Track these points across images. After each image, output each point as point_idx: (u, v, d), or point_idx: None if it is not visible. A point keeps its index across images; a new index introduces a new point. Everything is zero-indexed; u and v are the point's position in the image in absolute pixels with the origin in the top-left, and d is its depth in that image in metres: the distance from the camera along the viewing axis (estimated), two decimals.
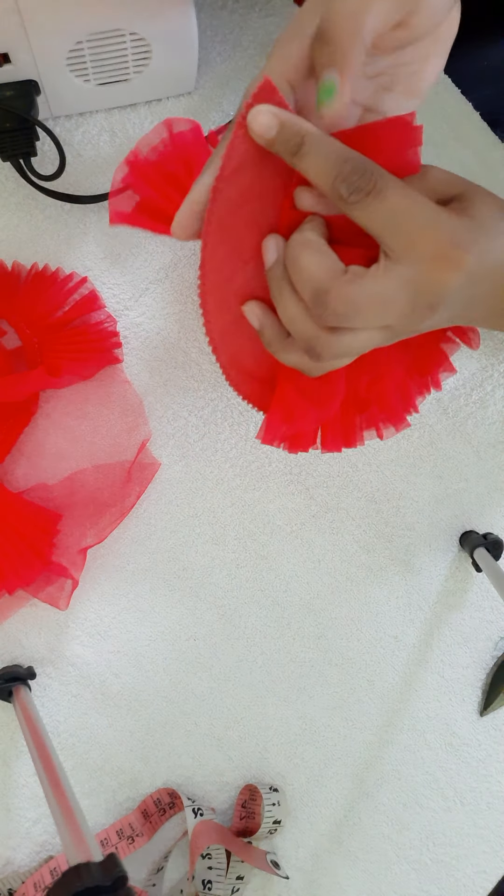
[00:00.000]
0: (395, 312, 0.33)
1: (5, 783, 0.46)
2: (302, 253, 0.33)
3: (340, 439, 0.42)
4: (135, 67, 0.47)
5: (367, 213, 0.31)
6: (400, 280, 0.32)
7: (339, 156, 0.31)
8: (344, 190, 0.31)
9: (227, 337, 0.37)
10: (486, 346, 0.54)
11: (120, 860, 0.28)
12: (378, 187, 0.31)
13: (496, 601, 0.53)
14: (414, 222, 0.31)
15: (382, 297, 0.32)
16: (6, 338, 0.47)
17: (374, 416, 0.42)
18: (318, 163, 0.31)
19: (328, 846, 0.51)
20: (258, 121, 0.31)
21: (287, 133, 0.31)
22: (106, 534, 0.46)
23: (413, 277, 0.32)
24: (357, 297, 0.32)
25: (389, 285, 0.32)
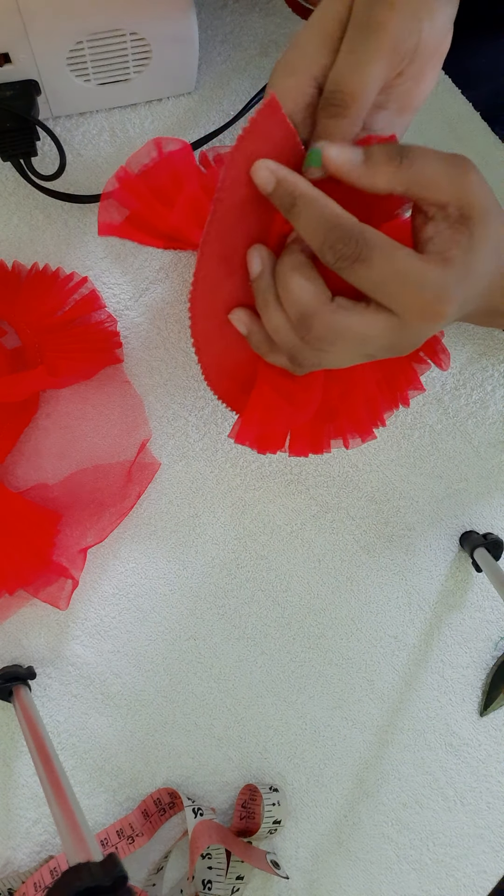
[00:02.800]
0: (374, 346, 0.35)
1: (5, 783, 0.46)
2: (292, 276, 0.34)
3: (308, 445, 0.44)
4: (135, 67, 0.47)
5: (355, 277, 0.32)
6: (385, 323, 0.33)
7: (326, 222, 0.32)
8: (330, 257, 0.32)
9: (211, 341, 0.38)
10: (487, 346, 0.54)
11: (120, 860, 0.27)
12: (363, 255, 0.32)
13: (496, 601, 0.53)
14: (399, 285, 0.32)
15: (364, 333, 0.34)
16: (6, 338, 0.47)
17: (342, 426, 0.44)
18: (307, 225, 0.33)
19: (328, 846, 0.51)
20: (258, 176, 0.33)
21: (282, 191, 0.33)
22: (106, 534, 0.46)
23: (398, 325, 0.33)
24: (339, 327, 0.34)
25: (373, 325, 0.33)
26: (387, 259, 0.32)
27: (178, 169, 0.46)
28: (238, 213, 0.34)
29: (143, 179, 0.46)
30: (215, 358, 0.39)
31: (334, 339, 0.34)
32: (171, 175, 0.46)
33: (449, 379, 0.53)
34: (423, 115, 0.54)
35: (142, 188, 0.46)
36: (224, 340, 0.39)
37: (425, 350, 0.45)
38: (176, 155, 0.46)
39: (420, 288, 0.32)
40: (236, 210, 0.34)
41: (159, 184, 0.46)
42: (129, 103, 0.50)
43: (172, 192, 0.46)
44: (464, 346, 0.53)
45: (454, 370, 0.53)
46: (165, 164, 0.46)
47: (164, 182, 0.46)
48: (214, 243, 0.35)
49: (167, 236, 0.48)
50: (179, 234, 0.47)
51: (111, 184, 0.46)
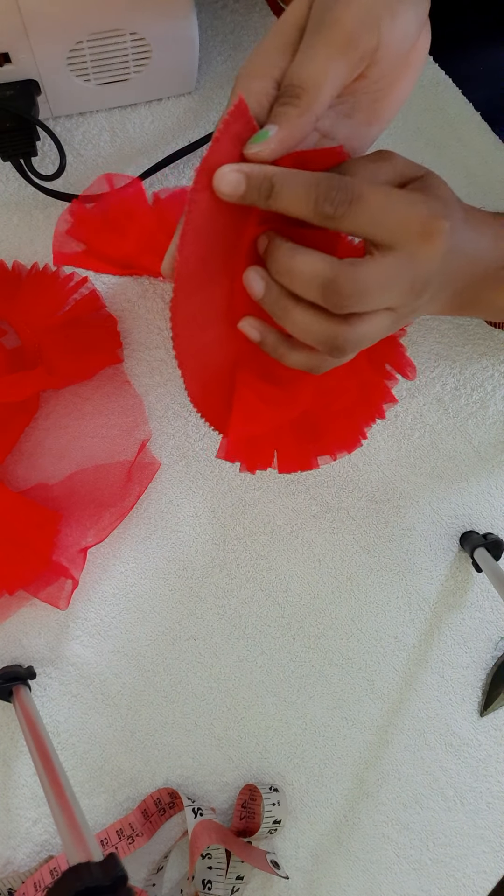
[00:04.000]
0: (397, 292, 0.34)
1: (5, 783, 0.46)
2: (294, 257, 0.34)
3: (296, 463, 0.45)
4: (135, 67, 0.47)
5: (356, 219, 0.32)
6: (396, 262, 0.33)
7: (309, 182, 0.32)
8: (329, 208, 0.32)
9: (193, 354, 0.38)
10: (487, 346, 0.54)
11: (120, 860, 0.27)
12: (356, 193, 0.32)
13: (496, 601, 0.53)
14: (395, 212, 0.33)
15: (385, 277, 0.34)
16: (6, 338, 0.47)
17: (327, 443, 0.46)
18: (293, 196, 0.33)
19: (328, 846, 0.51)
20: (225, 181, 0.33)
21: (255, 182, 0.33)
22: (106, 534, 0.46)
23: (406, 257, 0.33)
24: (364, 278, 0.33)
25: (388, 268, 0.33)
26: (377, 191, 0.32)
27: (129, 203, 0.47)
28: (213, 216, 0.34)
29: (96, 213, 0.47)
30: (197, 371, 0.39)
31: (364, 293, 0.34)
32: (123, 209, 0.47)
33: (449, 379, 0.53)
34: (423, 115, 0.54)
35: (95, 220, 0.47)
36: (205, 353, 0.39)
37: (392, 364, 0.47)
38: (127, 190, 0.48)
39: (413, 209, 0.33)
40: (212, 213, 0.34)
41: (112, 217, 0.47)
42: (129, 103, 0.50)
43: (125, 223, 0.47)
44: (464, 346, 0.53)
45: (454, 370, 0.53)
46: (117, 198, 0.47)
47: (117, 215, 0.47)
48: (192, 246, 0.34)
49: (122, 264, 0.49)
50: (134, 261, 0.48)
51: (64, 218, 0.47)
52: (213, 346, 0.39)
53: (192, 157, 0.51)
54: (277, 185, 0.32)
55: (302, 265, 0.34)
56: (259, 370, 0.41)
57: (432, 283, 0.36)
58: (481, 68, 0.61)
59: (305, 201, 0.32)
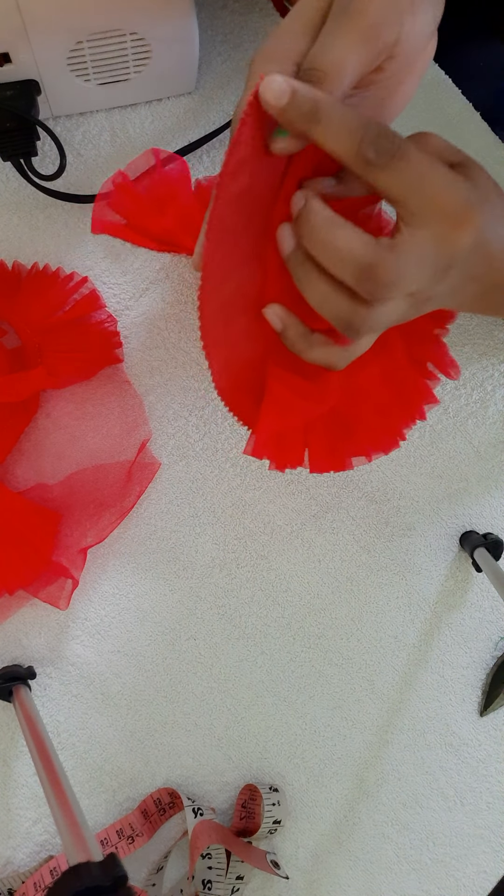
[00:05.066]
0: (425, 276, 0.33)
1: (5, 783, 0.46)
2: (336, 232, 0.32)
3: (328, 463, 0.43)
4: (135, 67, 0.47)
5: (394, 176, 0.31)
6: (426, 241, 0.32)
7: (359, 120, 0.31)
8: (372, 153, 0.30)
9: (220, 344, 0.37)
10: (487, 346, 0.54)
11: (120, 860, 0.27)
12: (403, 150, 0.30)
13: (496, 601, 0.53)
14: (435, 184, 0.31)
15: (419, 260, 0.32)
16: (6, 338, 0.47)
17: (361, 442, 0.44)
18: (338, 129, 0.31)
19: (328, 846, 0.51)
20: (270, 88, 0.31)
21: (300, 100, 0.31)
22: (106, 534, 0.46)
23: (435, 237, 0.32)
24: (402, 265, 0.32)
25: (421, 248, 0.32)
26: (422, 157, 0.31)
27: (173, 182, 0.47)
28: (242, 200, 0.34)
29: (138, 186, 0.47)
30: (225, 363, 0.38)
31: (398, 281, 0.32)
32: (166, 187, 0.47)
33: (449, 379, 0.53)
34: (423, 115, 0.54)
35: (137, 193, 0.47)
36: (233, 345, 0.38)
37: (435, 363, 0.45)
38: (173, 171, 0.48)
39: (452, 189, 0.31)
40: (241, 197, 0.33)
41: (155, 192, 0.47)
42: (129, 103, 0.50)
43: (167, 201, 0.47)
44: (464, 346, 0.53)
45: None
46: (161, 176, 0.47)
47: (160, 191, 0.47)
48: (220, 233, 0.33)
49: (159, 239, 0.48)
50: (172, 237, 0.48)
51: (107, 186, 0.47)
52: (242, 337, 0.38)
53: (191, 156, 0.51)
54: (325, 110, 0.31)
55: (340, 242, 0.32)
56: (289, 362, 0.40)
57: (454, 273, 0.34)
58: (481, 67, 0.61)
59: (350, 137, 0.30)
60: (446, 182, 0.31)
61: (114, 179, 0.47)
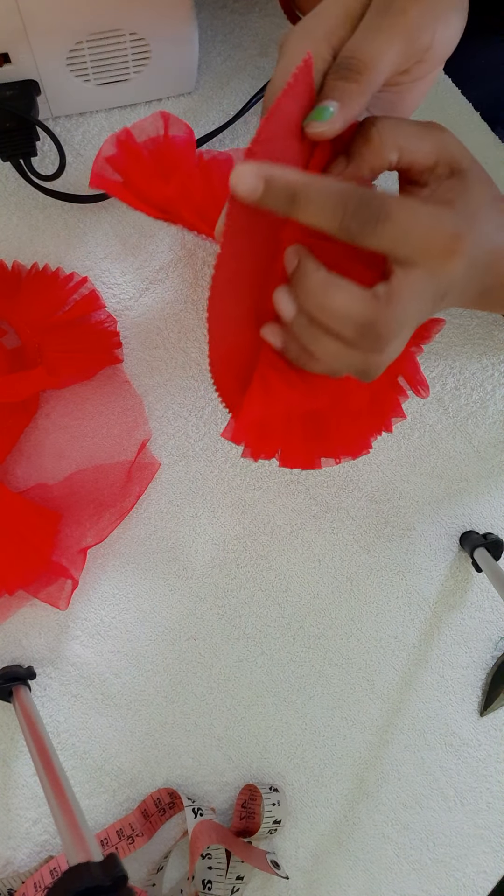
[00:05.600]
0: (424, 313, 0.35)
1: (5, 783, 0.46)
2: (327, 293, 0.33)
3: (299, 460, 0.44)
4: (135, 67, 0.47)
5: (380, 238, 0.31)
6: (420, 281, 0.33)
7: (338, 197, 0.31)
8: (355, 226, 0.31)
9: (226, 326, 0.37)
10: (487, 346, 0.54)
11: (120, 860, 0.28)
12: (384, 212, 0.31)
13: (496, 601, 0.53)
14: (420, 230, 0.32)
15: (416, 302, 0.33)
16: (6, 338, 0.47)
17: (333, 446, 0.44)
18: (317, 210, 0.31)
19: (328, 846, 0.51)
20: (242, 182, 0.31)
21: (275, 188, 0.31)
22: (106, 534, 0.46)
23: (428, 275, 0.33)
24: (401, 315, 0.33)
25: (416, 290, 0.33)
26: (404, 208, 0.31)
27: (178, 149, 0.46)
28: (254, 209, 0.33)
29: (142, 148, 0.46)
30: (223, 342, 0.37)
31: (399, 330, 0.34)
32: (170, 154, 0.46)
33: (449, 379, 0.53)
34: (423, 115, 0.53)
35: (141, 155, 0.45)
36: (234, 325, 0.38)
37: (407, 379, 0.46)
38: (179, 138, 0.46)
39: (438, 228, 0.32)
40: None
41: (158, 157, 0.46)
42: (129, 103, 0.50)
43: (169, 167, 0.46)
44: (464, 346, 0.53)
45: (454, 370, 0.53)
46: (167, 142, 0.46)
47: (163, 157, 0.46)
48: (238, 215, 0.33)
49: (158, 207, 0.47)
50: (171, 207, 0.46)
51: (110, 143, 0.45)
52: (245, 318, 0.38)
53: None
54: (302, 195, 0.31)
55: (337, 303, 0.33)
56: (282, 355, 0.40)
57: (450, 294, 0.35)
58: (481, 67, 0.61)
59: (332, 216, 0.31)
60: (431, 224, 0.32)
61: (118, 136, 0.45)
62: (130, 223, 0.50)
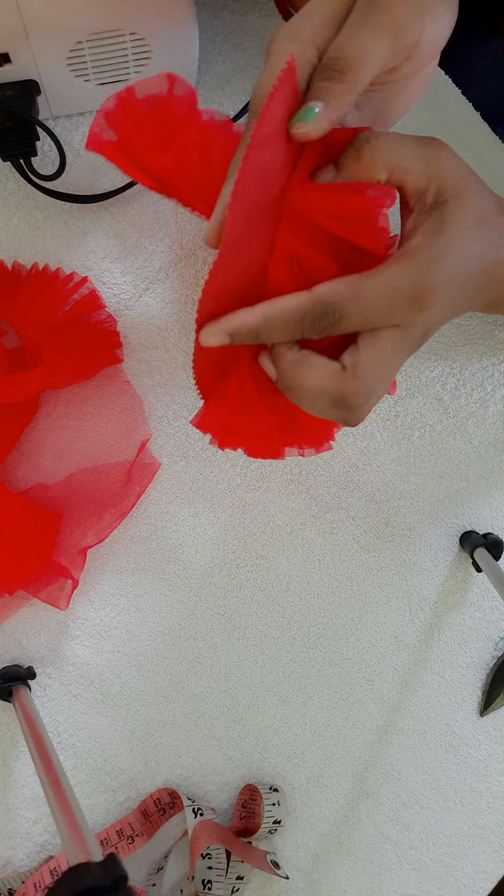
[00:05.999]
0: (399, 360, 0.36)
1: (5, 783, 0.46)
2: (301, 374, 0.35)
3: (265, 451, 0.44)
4: (135, 67, 0.47)
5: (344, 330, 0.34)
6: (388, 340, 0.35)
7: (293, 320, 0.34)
8: (316, 335, 0.34)
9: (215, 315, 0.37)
10: (487, 346, 0.54)
11: (120, 860, 0.27)
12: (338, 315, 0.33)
13: (496, 601, 0.53)
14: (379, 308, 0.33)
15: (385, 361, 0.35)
16: (6, 338, 0.47)
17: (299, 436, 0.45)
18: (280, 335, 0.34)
19: (328, 846, 0.51)
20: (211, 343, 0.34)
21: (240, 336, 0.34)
22: (106, 534, 0.46)
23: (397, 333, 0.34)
24: (369, 381, 0.35)
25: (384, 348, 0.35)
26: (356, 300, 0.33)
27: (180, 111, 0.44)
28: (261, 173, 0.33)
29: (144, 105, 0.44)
30: None
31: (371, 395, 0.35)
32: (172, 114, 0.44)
33: (449, 379, 0.53)
34: (423, 115, 0.54)
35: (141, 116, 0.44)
36: None
37: None
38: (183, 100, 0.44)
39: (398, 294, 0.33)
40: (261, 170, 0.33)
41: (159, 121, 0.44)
42: None
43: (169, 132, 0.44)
44: (464, 346, 0.53)
45: (454, 370, 0.53)
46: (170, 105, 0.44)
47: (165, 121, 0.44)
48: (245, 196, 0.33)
49: (154, 176, 0.45)
50: (167, 179, 0.45)
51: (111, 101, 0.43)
52: None
53: None
54: (262, 331, 0.34)
55: (308, 381, 0.35)
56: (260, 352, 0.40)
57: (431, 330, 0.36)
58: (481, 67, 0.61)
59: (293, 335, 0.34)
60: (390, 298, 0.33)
61: (119, 93, 0.43)
62: (130, 223, 0.50)
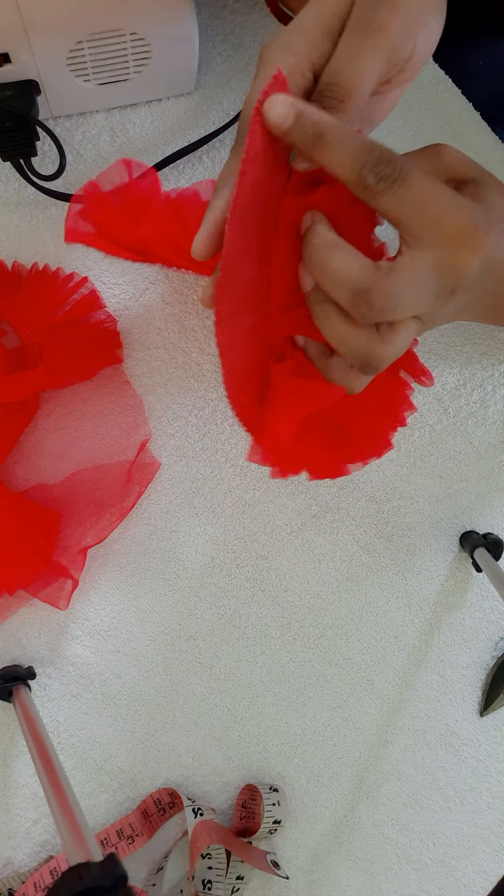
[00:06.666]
0: (425, 299, 0.33)
1: (5, 783, 0.46)
2: (331, 255, 0.33)
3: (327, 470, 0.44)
4: (135, 67, 0.47)
5: (394, 201, 0.31)
6: (427, 265, 0.32)
7: (362, 146, 0.30)
8: (372, 179, 0.30)
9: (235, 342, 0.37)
10: (487, 346, 0.54)
11: (120, 860, 0.27)
12: (403, 174, 0.30)
13: (496, 601, 0.53)
14: (437, 207, 0.31)
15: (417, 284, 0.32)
16: (6, 338, 0.47)
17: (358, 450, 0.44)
18: (340, 153, 0.31)
19: (328, 846, 0.51)
20: (274, 110, 0.31)
21: (305, 123, 0.31)
22: (106, 534, 0.46)
23: (437, 261, 0.32)
24: (398, 290, 0.32)
25: (420, 272, 0.32)
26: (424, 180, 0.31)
27: (144, 191, 0.47)
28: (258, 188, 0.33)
29: (110, 197, 0.47)
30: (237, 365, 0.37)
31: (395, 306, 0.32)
32: (138, 196, 0.47)
33: (449, 379, 0.53)
34: (423, 115, 0.54)
35: (111, 202, 0.47)
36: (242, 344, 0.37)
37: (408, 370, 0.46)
38: (143, 179, 0.48)
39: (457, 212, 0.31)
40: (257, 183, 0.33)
41: (127, 203, 0.47)
42: (129, 103, 0.50)
43: (139, 211, 0.47)
44: (464, 346, 0.53)
45: (454, 370, 0.53)
46: (133, 186, 0.47)
47: (132, 202, 0.47)
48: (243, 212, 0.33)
49: (134, 249, 0.48)
50: (147, 248, 0.48)
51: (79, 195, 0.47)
52: (248, 337, 0.37)
53: (191, 157, 0.51)
54: (328, 133, 0.30)
55: (336, 264, 0.32)
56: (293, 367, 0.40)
57: (460, 294, 0.34)
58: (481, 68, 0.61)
59: (352, 162, 0.30)
60: (450, 205, 0.31)
61: (86, 189, 0.47)
62: None
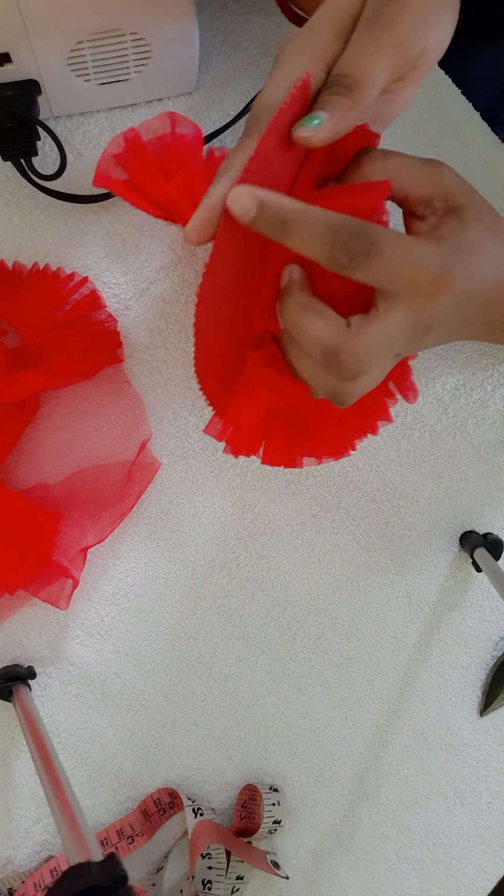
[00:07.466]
0: (400, 344, 0.35)
1: (5, 783, 0.46)
2: (302, 317, 0.34)
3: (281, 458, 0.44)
4: (135, 67, 0.47)
5: (369, 273, 0.32)
6: (399, 315, 0.34)
7: (328, 226, 0.31)
8: (344, 258, 0.31)
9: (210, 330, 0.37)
10: (487, 346, 0.54)
11: (120, 860, 0.27)
12: (376, 246, 0.31)
13: (496, 601, 0.53)
14: (409, 266, 0.32)
15: (388, 337, 0.34)
16: (6, 338, 0.47)
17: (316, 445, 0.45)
18: (307, 238, 0.31)
19: (328, 846, 0.51)
20: (236, 204, 0.31)
21: (267, 212, 0.31)
22: (106, 534, 0.46)
23: (410, 309, 0.34)
24: (367, 348, 0.34)
25: (392, 324, 0.34)
26: (395, 244, 0.31)
27: (184, 148, 0.46)
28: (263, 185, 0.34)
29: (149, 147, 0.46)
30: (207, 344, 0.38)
31: (366, 362, 0.34)
32: (176, 152, 0.46)
33: (449, 379, 0.53)
34: (423, 115, 0.54)
35: (146, 152, 0.46)
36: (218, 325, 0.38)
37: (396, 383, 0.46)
38: (186, 136, 0.47)
39: (427, 265, 0.32)
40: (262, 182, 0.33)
41: (164, 156, 0.46)
42: (130, 103, 0.50)
43: (174, 166, 0.46)
44: (463, 346, 0.53)
45: (454, 370, 0.53)
46: (173, 140, 0.46)
47: (169, 155, 0.46)
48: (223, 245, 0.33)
49: (160, 206, 0.47)
50: (172, 206, 0.47)
51: (115, 142, 0.46)
52: (228, 322, 0.38)
53: None
54: (292, 221, 0.31)
55: (308, 327, 0.34)
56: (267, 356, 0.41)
57: (436, 330, 0.36)
58: (481, 68, 0.61)
59: (320, 245, 0.31)
60: (421, 262, 0.32)
61: (126, 135, 0.46)
62: (131, 223, 0.50)
